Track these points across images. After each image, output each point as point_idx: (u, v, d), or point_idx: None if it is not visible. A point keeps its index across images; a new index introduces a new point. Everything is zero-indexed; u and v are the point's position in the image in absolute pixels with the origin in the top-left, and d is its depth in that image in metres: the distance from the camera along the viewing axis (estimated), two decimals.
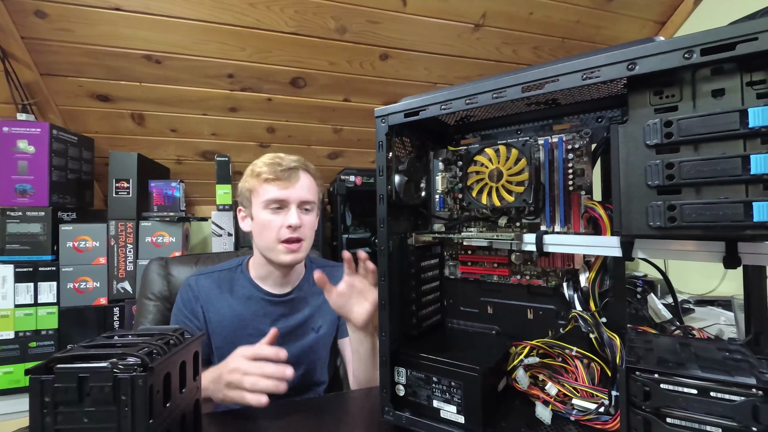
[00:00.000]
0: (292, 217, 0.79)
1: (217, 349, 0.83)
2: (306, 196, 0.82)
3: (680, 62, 0.34)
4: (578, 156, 0.51)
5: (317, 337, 0.89)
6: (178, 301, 0.86)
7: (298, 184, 0.81)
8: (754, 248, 0.36)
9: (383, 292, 0.51)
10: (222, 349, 0.82)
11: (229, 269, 0.90)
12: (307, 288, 0.90)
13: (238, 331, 0.83)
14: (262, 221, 0.81)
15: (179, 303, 0.85)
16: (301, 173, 0.82)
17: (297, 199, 0.81)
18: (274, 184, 0.79)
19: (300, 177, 0.82)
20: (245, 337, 0.83)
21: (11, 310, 1.15)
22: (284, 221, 0.79)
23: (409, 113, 0.50)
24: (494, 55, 1.50)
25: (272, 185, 0.80)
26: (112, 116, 1.41)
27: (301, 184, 0.82)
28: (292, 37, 1.30)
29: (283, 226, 0.79)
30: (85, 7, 1.12)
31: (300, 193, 0.81)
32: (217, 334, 0.83)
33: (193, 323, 0.83)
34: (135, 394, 0.35)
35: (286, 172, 0.80)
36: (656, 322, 0.83)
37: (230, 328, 0.83)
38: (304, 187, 0.82)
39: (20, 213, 1.17)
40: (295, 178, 0.81)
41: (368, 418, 0.56)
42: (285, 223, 0.79)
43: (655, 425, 0.35)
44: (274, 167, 0.80)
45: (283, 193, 0.80)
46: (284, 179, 0.79)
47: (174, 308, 0.86)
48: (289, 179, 0.80)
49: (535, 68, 0.41)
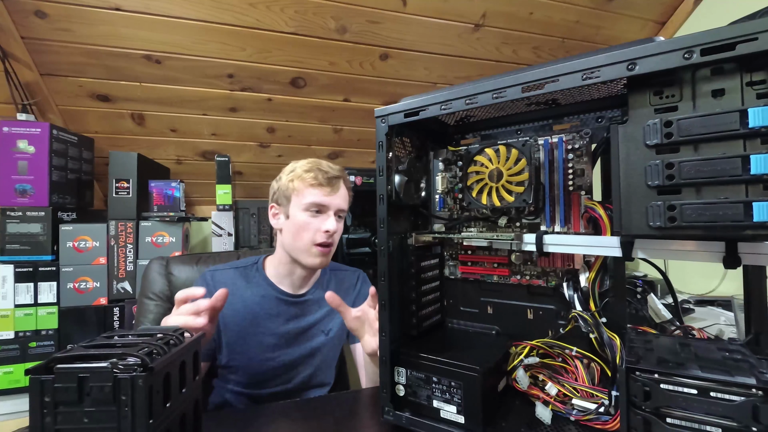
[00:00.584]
0: (330, 222, 0.82)
1: (227, 345, 0.84)
2: (343, 205, 0.86)
3: (680, 62, 0.34)
4: (578, 156, 0.51)
5: (326, 339, 0.89)
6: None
7: (338, 193, 0.85)
8: (754, 248, 0.36)
9: (383, 292, 0.51)
10: (232, 345, 0.83)
11: (245, 266, 0.91)
12: (321, 291, 0.91)
13: (250, 328, 0.84)
14: (300, 222, 0.83)
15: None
16: (341, 183, 0.86)
17: (336, 206, 0.84)
18: (319, 189, 0.83)
19: (341, 186, 0.86)
20: (257, 334, 0.84)
21: (11, 310, 1.15)
22: (321, 225, 0.82)
23: (409, 113, 0.50)
24: (494, 55, 1.50)
25: (317, 190, 0.83)
26: (112, 116, 1.41)
27: (341, 193, 0.86)
28: (292, 37, 1.30)
29: (320, 230, 0.82)
30: (85, 7, 1.12)
31: (339, 202, 0.85)
32: (229, 330, 0.84)
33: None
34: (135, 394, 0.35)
35: (330, 179, 0.84)
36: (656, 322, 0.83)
37: (242, 324, 0.84)
38: (342, 196, 0.86)
39: (20, 213, 1.16)
40: (337, 186, 0.85)
41: (368, 418, 0.56)
42: (322, 227, 0.82)
43: (655, 425, 0.35)
44: (320, 173, 0.83)
45: (325, 199, 0.83)
46: (327, 186, 0.83)
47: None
48: (332, 187, 0.84)
49: (535, 68, 0.41)
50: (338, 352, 0.95)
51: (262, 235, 1.58)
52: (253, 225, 1.58)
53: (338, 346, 0.94)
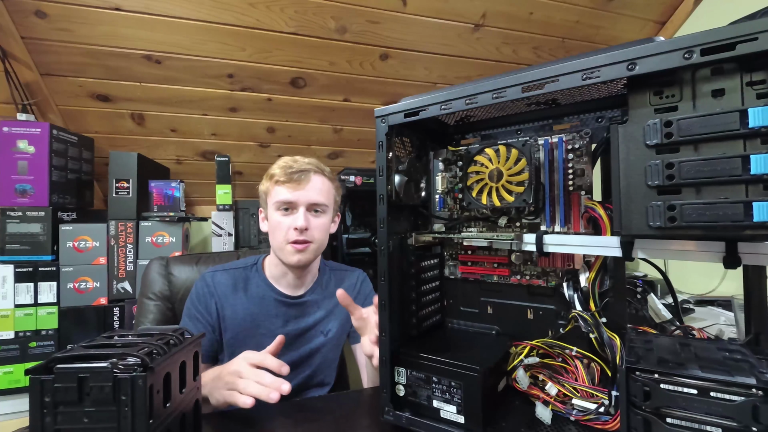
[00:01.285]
0: (298, 219, 0.81)
1: (228, 346, 0.84)
2: (316, 198, 0.83)
3: (680, 62, 0.34)
4: (578, 156, 0.51)
5: (326, 340, 0.89)
6: (192, 294, 0.87)
7: (308, 186, 0.82)
8: (754, 248, 0.36)
9: (383, 292, 0.51)
10: (233, 347, 0.83)
11: (244, 267, 0.91)
12: (320, 291, 0.91)
13: (250, 329, 0.84)
14: (273, 222, 0.83)
15: (193, 297, 0.86)
16: (312, 176, 0.84)
17: (306, 201, 0.82)
18: (284, 186, 0.82)
19: (311, 179, 0.83)
20: (257, 336, 0.84)
21: (11, 310, 1.15)
22: (292, 223, 0.81)
23: (409, 113, 0.50)
24: (494, 55, 1.50)
25: (282, 187, 0.82)
26: (112, 116, 1.41)
27: (311, 186, 0.83)
28: (292, 37, 1.30)
29: (291, 227, 0.81)
30: (85, 7, 1.12)
31: (309, 195, 0.82)
32: (230, 331, 0.84)
33: (205, 318, 0.84)
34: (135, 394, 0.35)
35: (296, 174, 0.81)
36: (656, 322, 0.83)
37: (243, 325, 0.84)
38: (315, 189, 0.83)
39: (20, 213, 1.16)
40: (305, 180, 0.82)
41: (368, 418, 0.55)
42: (293, 224, 0.81)
43: (655, 425, 0.35)
44: (286, 170, 0.82)
45: (292, 195, 0.81)
46: (294, 181, 0.81)
47: (188, 301, 0.87)
48: (299, 181, 0.82)
49: (535, 68, 0.41)
50: (338, 353, 0.95)
51: (262, 235, 1.58)
52: (253, 225, 1.58)
53: (338, 347, 0.94)
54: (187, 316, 0.85)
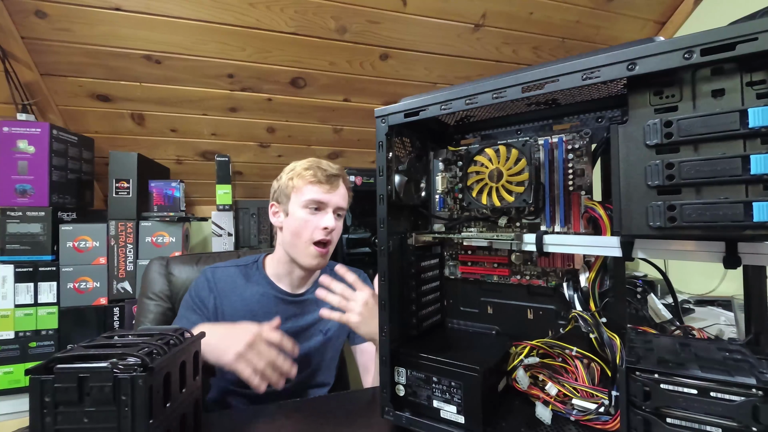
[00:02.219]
0: (329, 219, 0.83)
1: None
2: (341, 203, 0.87)
3: (680, 62, 0.34)
4: (578, 156, 0.51)
5: (325, 339, 0.89)
6: (191, 288, 0.87)
7: (337, 191, 0.86)
8: (754, 248, 0.36)
9: (383, 292, 0.51)
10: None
11: (245, 265, 0.92)
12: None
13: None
14: (299, 219, 0.84)
15: (192, 290, 0.87)
16: (340, 181, 0.87)
17: (335, 204, 0.85)
18: (318, 186, 0.84)
19: (340, 185, 0.87)
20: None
21: (11, 310, 1.15)
22: (320, 222, 0.83)
23: (409, 113, 0.50)
24: (494, 55, 1.50)
25: (316, 187, 0.84)
26: (112, 116, 1.41)
27: (339, 191, 0.86)
28: (292, 37, 1.30)
29: (318, 227, 0.83)
30: (85, 7, 1.12)
31: (338, 200, 0.86)
32: None
33: (203, 311, 0.84)
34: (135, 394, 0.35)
35: (330, 177, 0.84)
36: (656, 322, 0.84)
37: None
38: (342, 195, 0.87)
39: (20, 213, 1.16)
40: (336, 184, 0.86)
41: (368, 418, 0.55)
42: (321, 224, 0.83)
43: (655, 425, 0.35)
44: (320, 171, 0.84)
45: (324, 196, 0.84)
46: (326, 183, 0.84)
47: (186, 294, 0.87)
48: (330, 184, 0.84)
49: (535, 68, 0.41)
50: (338, 353, 0.95)
51: (262, 235, 1.58)
52: (253, 225, 1.58)
53: (338, 347, 0.94)
54: (184, 307, 0.85)
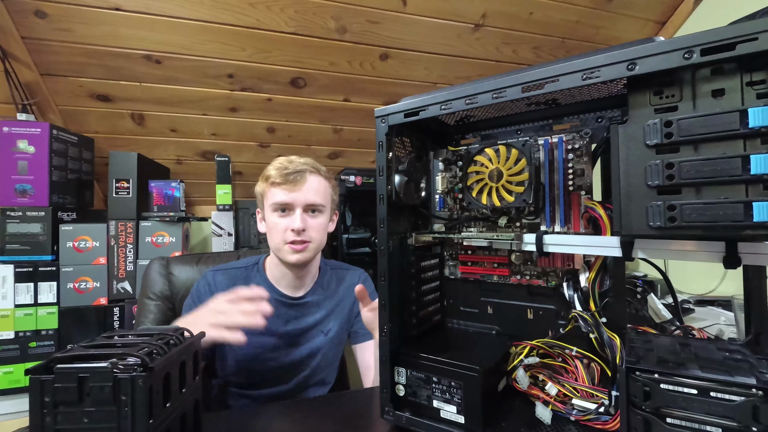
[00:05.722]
0: (295, 221, 0.81)
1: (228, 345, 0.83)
2: (313, 199, 0.83)
3: (680, 62, 0.34)
4: (578, 156, 0.51)
5: (326, 339, 0.89)
6: (192, 292, 0.87)
7: (304, 187, 0.82)
8: (754, 248, 0.36)
9: (383, 292, 0.51)
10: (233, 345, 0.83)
11: (245, 267, 0.91)
12: (321, 292, 0.91)
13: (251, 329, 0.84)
14: (271, 224, 0.83)
15: (194, 294, 0.86)
16: (308, 176, 0.83)
17: (303, 202, 0.82)
18: (281, 187, 0.81)
19: (307, 180, 0.83)
20: (256, 335, 0.83)
21: (11, 310, 1.15)
22: (289, 224, 0.81)
23: (409, 113, 0.50)
24: (494, 55, 1.50)
25: (279, 189, 0.81)
26: (112, 116, 1.41)
27: (308, 186, 0.83)
28: (292, 37, 1.30)
29: (288, 229, 0.81)
30: (85, 7, 1.12)
31: (306, 196, 0.82)
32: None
33: None
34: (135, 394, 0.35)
35: (292, 175, 0.81)
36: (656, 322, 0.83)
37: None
38: (311, 189, 0.83)
39: (20, 213, 1.16)
40: (301, 181, 0.82)
41: (368, 418, 0.55)
42: (290, 226, 0.81)
43: (655, 425, 0.35)
44: (282, 171, 0.81)
45: (288, 196, 0.81)
46: (290, 182, 0.81)
47: (188, 298, 0.87)
48: (295, 182, 0.81)
49: (535, 68, 0.41)
50: (339, 353, 0.95)
51: (261, 235, 1.58)
52: (253, 225, 1.58)
53: (339, 346, 0.94)
54: (186, 311, 0.85)
